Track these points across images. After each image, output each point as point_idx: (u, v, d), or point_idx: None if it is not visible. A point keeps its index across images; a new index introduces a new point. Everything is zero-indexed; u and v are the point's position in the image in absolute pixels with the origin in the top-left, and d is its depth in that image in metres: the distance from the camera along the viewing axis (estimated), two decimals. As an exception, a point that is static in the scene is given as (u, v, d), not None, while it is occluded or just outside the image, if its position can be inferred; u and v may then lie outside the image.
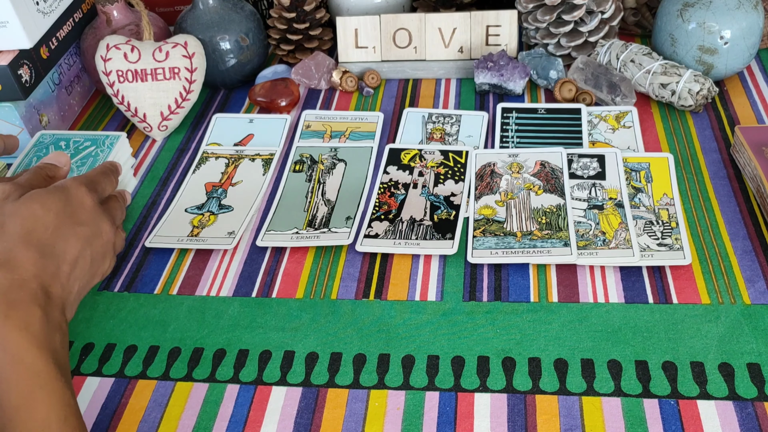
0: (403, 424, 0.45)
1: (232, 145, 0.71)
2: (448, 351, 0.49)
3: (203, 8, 0.77)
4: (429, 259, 0.57)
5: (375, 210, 0.61)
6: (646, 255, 0.54)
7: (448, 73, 0.79)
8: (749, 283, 0.52)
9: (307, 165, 0.67)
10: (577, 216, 0.58)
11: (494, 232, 0.57)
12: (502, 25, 0.77)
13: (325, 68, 0.79)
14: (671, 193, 0.60)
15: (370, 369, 0.49)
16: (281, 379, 0.48)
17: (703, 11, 0.69)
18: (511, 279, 0.54)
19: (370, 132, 0.71)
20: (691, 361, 0.47)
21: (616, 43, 0.73)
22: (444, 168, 0.65)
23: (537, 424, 0.44)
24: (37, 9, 0.70)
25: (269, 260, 0.58)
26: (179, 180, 0.68)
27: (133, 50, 0.71)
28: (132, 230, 0.63)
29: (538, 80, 0.76)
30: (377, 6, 0.82)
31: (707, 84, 0.68)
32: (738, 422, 0.43)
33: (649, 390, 0.45)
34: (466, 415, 0.45)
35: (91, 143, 0.66)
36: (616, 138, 0.67)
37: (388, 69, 0.80)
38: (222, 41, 0.77)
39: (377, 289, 0.54)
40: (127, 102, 0.72)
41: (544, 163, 0.63)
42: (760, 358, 0.47)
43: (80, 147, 0.66)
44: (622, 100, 0.70)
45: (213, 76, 0.79)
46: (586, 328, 0.50)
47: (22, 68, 0.68)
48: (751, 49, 0.70)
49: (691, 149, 0.65)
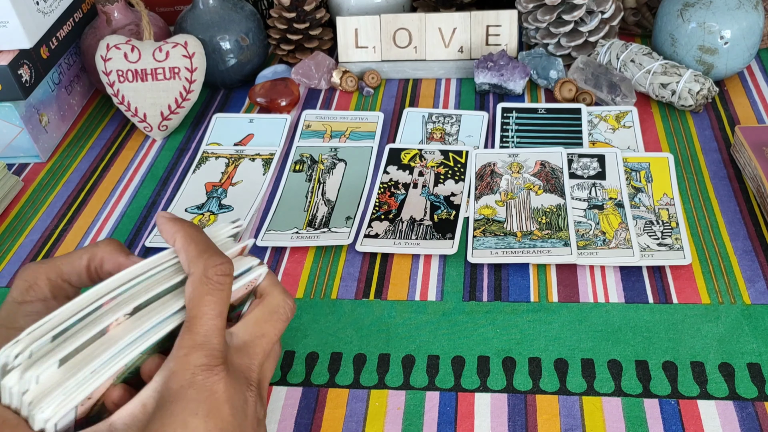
0: (404, 424, 0.45)
1: (232, 145, 0.71)
2: (449, 351, 0.49)
3: (203, 8, 0.77)
4: (429, 259, 0.57)
5: (375, 210, 0.61)
6: (646, 255, 0.54)
7: (448, 73, 0.79)
8: (749, 283, 0.52)
9: (307, 165, 0.67)
10: (577, 216, 0.58)
11: (494, 232, 0.57)
12: (502, 25, 0.77)
13: (325, 68, 0.79)
14: (671, 193, 0.60)
15: (371, 369, 0.49)
16: (281, 379, 0.48)
17: (703, 11, 0.69)
18: (511, 279, 0.54)
19: (370, 132, 0.71)
20: (691, 361, 0.47)
21: (616, 43, 0.73)
22: (444, 168, 0.65)
23: (537, 424, 0.44)
24: (37, 9, 0.70)
25: (269, 260, 0.58)
26: (179, 180, 0.68)
27: (133, 50, 0.71)
28: (132, 230, 0.63)
29: (538, 80, 0.76)
30: (377, 6, 0.82)
31: (707, 84, 0.68)
32: (738, 422, 0.43)
33: (649, 390, 0.45)
34: (467, 415, 0.45)
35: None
36: (616, 138, 0.67)
37: (388, 69, 0.80)
38: (222, 41, 0.77)
39: (377, 289, 0.54)
40: (127, 102, 0.72)
41: (544, 163, 0.63)
42: (760, 358, 0.47)
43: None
44: (622, 100, 0.70)
45: (213, 76, 0.79)
46: (586, 328, 0.50)
47: (22, 68, 0.68)
48: (751, 49, 0.70)
49: (691, 149, 0.65)
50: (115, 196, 0.67)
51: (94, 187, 0.69)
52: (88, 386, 0.34)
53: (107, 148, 0.74)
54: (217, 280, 0.38)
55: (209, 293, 0.37)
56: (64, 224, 0.64)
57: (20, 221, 0.65)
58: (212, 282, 0.38)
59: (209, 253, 0.38)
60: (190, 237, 0.39)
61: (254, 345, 0.39)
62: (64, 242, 0.62)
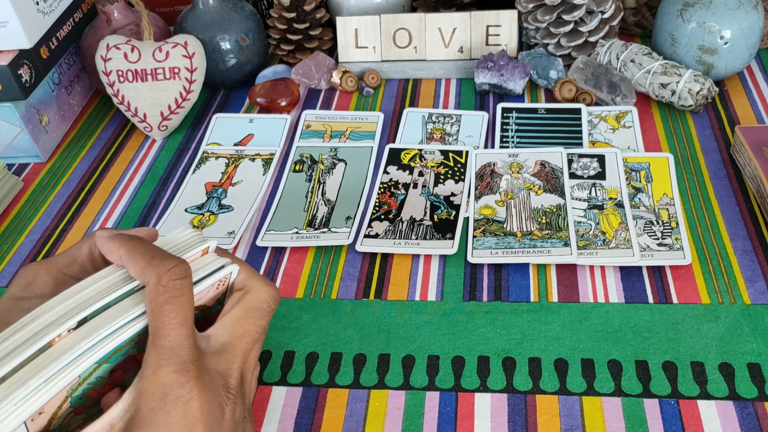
0: (404, 424, 0.45)
1: (232, 145, 0.71)
2: (449, 351, 0.49)
3: (203, 8, 0.77)
4: (429, 259, 0.57)
5: (375, 210, 0.61)
6: (646, 255, 0.54)
7: (448, 73, 0.79)
8: (749, 283, 0.52)
9: (307, 165, 0.67)
10: (577, 216, 0.58)
11: (494, 232, 0.57)
12: (502, 25, 0.77)
13: (325, 68, 0.79)
14: (671, 193, 0.60)
15: (371, 369, 0.49)
16: (281, 379, 0.48)
17: (703, 11, 0.69)
18: (511, 279, 0.54)
19: (370, 132, 0.71)
20: (691, 361, 0.47)
21: (616, 43, 0.73)
22: (444, 168, 0.65)
23: (537, 424, 0.44)
24: (37, 9, 0.70)
25: (269, 260, 0.58)
26: (179, 180, 0.68)
27: (133, 50, 0.71)
28: (132, 230, 0.63)
29: (538, 80, 0.76)
30: (377, 6, 0.82)
31: (707, 84, 0.68)
32: (738, 422, 0.43)
33: (649, 390, 0.45)
34: (467, 415, 0.45)
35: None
36: (616, 138, 0.67)
37: (388, 69, 0.80)
38: (222, 41, 0.77)
39: (377, 289, 0.54)
40: (127, 102, 0.72)
41: (544, 163, 0.63)
42: (760, 358, 0.47)
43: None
44: (622, 100, 0.70)
45: (213, 76, 0.79)
46: (586, 328, 0.50)
47: (22, 68, 0.68)
48: (751, 49, 0.70)
49: (691, 149, 0.65)
50: (115, 196, 0.67)
51: (94, 187, 0.69)
52: (36, 400, 0.33)
53: (107, 148, 0.74)
54: (173, 285, 0.35)
55: (168, 302, 0.35)
56: (64, 224, 0.64)
57: (20, 221, 0.65)
58: (168, 288, 0.35)
59: (158, 259, 0.36)
60: (133, 249, 0.36)
61: (233, 347, 0.38)
62: (64, 242, 0.62)
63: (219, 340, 0.38)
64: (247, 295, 0.40)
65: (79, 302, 0.36)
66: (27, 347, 0.34)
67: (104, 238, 0.38)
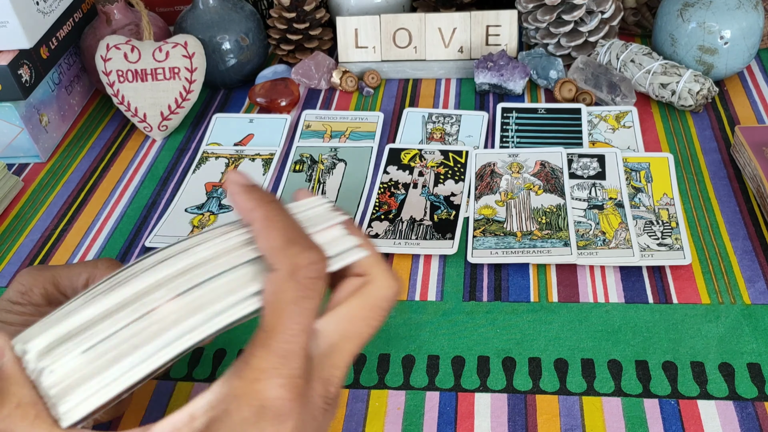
0: (404, 424, 0.45)
1: (232, 145, 0.71)
2: (448, 351, 0.49)
3: (203, 8, 0.77)
4: (429, 259, 0.57)
5: (375, 210, 0.61)
6: (646, 255, 0.54)
7: (448, 73, 0.79)
8: (749, 283, 0.52)
9: (307, 165, 0.67)
10: (577, 216, 0.58)
11: (494, 232, 0.57)
12: (502, 25, 0.77)
13: (325, 68, 0.79)
14: (671, 193, 0.60)
15: (370, 369, 0.49)
16: (281, 379, 0.48)
17: (703, 11, 0.69)
18: (511, 279, 0.54)
19: (370, 132, 0.71)
20: (691, 361, 0.47)
21: (616, 43, 0.73)
22: (444, 168, 0.65)
23: (537, 424, 0.44)
24: (37, 9, 0.70)
25: (269, 260, 0.58)
26: (179, 180, 0.68)
27: (133, 50, 0.71)
28: (132, 230, 0.63)
29: (538, 80, 0.76)
30: (377, 6, 0.82)
31: (707, 84, 0.68)
32: (738, 422, 0.43)
33: (649, 390, 0.45)
34: (467, 415, 0.45)
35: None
36: (616, 138, 0.67)
37: (388, 69, 0.80)
38: (222, 41, 0.77)
39: (377, 289, 0.54)
40: (127, 102, 0.72)
41: (544, 163, 0.63)
42: (760, 358, 0.47)
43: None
44: (622, 100, 0.70)
45: (213, 76, 0.79)
46: (586, 328, 0.50)
47: (22, 68, 0.68)
48: (751, 49, 0.70)
49: (691, 149, 0.65)
50: (115, 196, 0.67)
51: (94, 187, 0.69)
52: (131, 376, 0.29)
53: (107, 148, 0.74)
54: (306, 284, 0.30)
55: (295, 302, 0.29)
56: (64, 224, 0.64)
57: (20, 221, 0.65)
58: (301, 287, 0.30)
59: (298, 246, 0.30)
60: (271, 219, 0.31)
61: (342, 350, 0.32)
62: (64, 242, 0.62)
63: (328, 339, 0.32)
64: (368, 286, 0.33)
65: (190, 265, 0.31)
66: (128, 312, 0.30)
67: (238, 186, 0.32)
